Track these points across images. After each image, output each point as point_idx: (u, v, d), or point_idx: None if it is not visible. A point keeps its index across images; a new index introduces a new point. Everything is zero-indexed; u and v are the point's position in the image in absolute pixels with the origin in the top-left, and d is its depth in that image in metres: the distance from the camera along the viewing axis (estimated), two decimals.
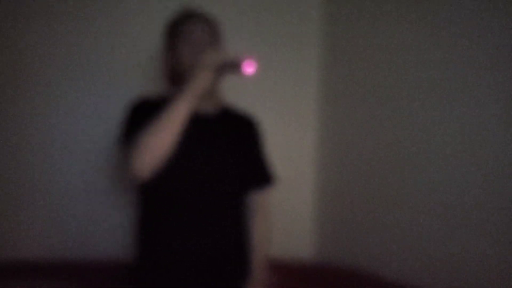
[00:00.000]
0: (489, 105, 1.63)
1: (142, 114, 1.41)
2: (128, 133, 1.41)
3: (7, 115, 2.00)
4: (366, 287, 1.94)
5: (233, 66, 1.35)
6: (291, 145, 1.83)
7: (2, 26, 1.99)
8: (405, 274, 1.90)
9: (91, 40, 2.07)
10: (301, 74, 2.39)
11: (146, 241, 1.52)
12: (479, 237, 1.65)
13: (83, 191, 2.07)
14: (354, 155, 2.24)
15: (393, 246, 2.00)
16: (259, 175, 1.68)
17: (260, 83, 1.71)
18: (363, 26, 2.22)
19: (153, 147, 1.32)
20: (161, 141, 1.33)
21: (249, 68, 1.30)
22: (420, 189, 1.91)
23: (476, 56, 1.69)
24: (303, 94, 2.39)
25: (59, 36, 2.06)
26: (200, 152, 1.50)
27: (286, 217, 2.14)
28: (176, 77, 1.56)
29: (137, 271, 1.56)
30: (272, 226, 1.72)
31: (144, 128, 1.33)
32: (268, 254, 1.70)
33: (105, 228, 2.08)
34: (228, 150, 1.58)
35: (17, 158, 2.00)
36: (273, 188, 1.72)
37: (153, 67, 2.12)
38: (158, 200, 1.50)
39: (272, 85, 2.17)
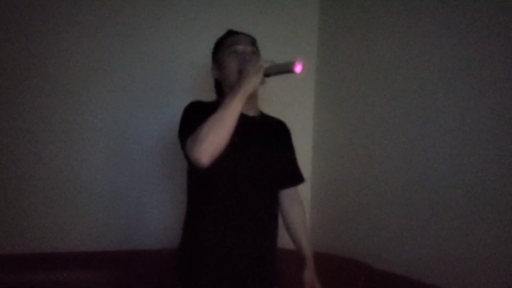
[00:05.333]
0: (478, 106, 1.74)
1: (199, 112, 1.57)
2: (188, 128, 1.54)
3: (70, 115, 2.20)
4: (350, 270, 2.10)
5: (284, 67, 1.53)
6: None
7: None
8: (383, 260, 2.07)
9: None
10: (300, 87, 2.60)
11: (192, 230, 1.68)
12: (462, 230, 1.77)
13: (133, 189, 2.29)
14: (342, 156, 2.42)
15: (375, 237, 2.18)
16: (296, 173, 1.89)
17: (267, 92, 1.88)
18: (354, 35, 2.39)
19: (211, 139, 1.46)
20: (218, 133, 1.47)
21: (299, 67, 1.50)
22: (399, 184, 2.06)
23: (465, 60, 1.79)
24: (301, 103, 2.64)
25: (119, 48, 2.28)
26: (249, 148, 1.67)
27: None
28: (224, 86, 1.73)
29: (181, 259, 1.68)
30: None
31: (202, 123, 1.48)
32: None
33: (151, 222, 2.30)
34: (270, 149, 1.75)
35: (75, 158, 2.20)
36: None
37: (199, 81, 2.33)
38: (208, 193, 1.64)
39: (274, 94, 2.32)
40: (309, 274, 1.78)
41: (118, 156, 2.29)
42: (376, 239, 2.18)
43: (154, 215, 2.33)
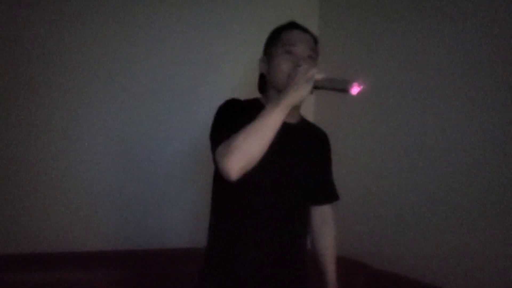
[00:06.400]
0: (484, 106, 1.74)
1: (235, 113, 1.43)
2: (221, 131, 1.40)
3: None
4: (350, 270, 2.05)
5: (339, 84, 1.34)
6: None
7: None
8: (383, 260, 2.08)
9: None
10: None
11: (220, 235, 1.55)
12: (472, 233, 1.76)
13: (134, 189, 2.29)
14: (342, 156, 2.30)
15: (375, 237, 2.18)
16: (331, 190, 1.74)
17: None
18: (354, 35, 2.39)
19: (246, 151, 1.32)
20: (254, 146, 1.33)
21: (355, 89, 1.30)
22: (399, 184, 2.07)
23: (469, 60, 1.80)
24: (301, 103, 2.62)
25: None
26: (285, 157, 1.52)
27: None
28: (269, 84, 1.55)
29: (210, 262, 1.58)
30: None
31: (238, 131, 1.33)
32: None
33: (152, 222, 2.31)
34: (309, 159, 1.61)
35: (76, 158, 2.19)
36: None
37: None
38: (238, 198, 1.51)
39: None
40: None
41: (123, 157, 2.29)
42: (376, 239, 2.19)
43: (156, 215, 2.33)
